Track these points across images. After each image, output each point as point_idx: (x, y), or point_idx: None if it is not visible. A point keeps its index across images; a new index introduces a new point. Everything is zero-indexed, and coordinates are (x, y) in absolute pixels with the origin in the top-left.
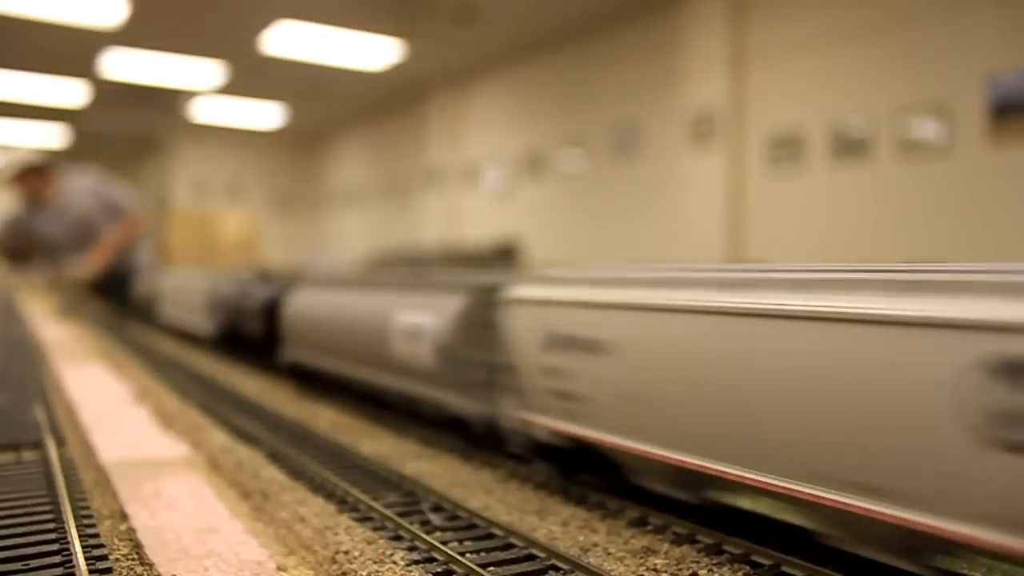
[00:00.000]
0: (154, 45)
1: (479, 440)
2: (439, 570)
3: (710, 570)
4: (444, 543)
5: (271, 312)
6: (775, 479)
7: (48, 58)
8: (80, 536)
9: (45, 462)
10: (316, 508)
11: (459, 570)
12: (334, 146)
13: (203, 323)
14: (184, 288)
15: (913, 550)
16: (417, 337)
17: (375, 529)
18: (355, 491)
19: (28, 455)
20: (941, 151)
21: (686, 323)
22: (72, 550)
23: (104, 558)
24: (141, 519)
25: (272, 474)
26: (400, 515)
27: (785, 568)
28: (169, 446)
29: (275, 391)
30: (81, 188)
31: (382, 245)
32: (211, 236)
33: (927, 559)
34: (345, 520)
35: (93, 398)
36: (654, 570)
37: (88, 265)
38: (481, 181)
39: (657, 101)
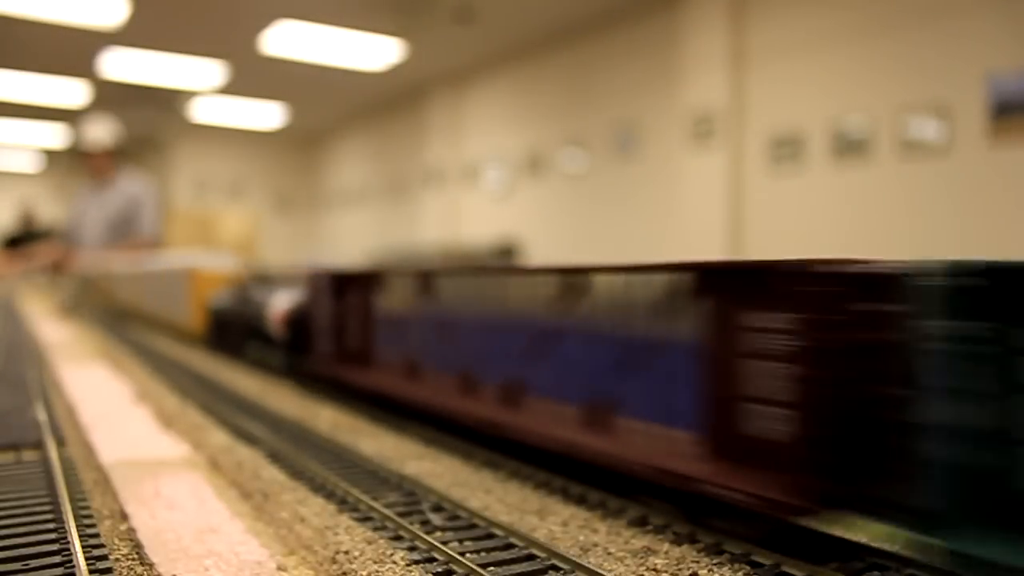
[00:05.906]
0: (154, 45)
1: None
2: (439, 570)
3: (710, 570)
4: (444, 543)
5: None
6: None
7: (48, 58)
8: (80, 536)
9: (45, 462)
10: (316, 508)
11: (459, 570)
12: (334, 146)
13: None
14: None
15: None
16: None
17: (375, 529)
18: (355, 491)
19: (28, 455)
20: (941, 151)
21: None
22: (72, 550)
23: (104, 558)
24: (141, 519)
25: (272, 474)
26: (400, 515)
27: (785, 568)
28: (169, 446)
29: (275, 391)
30: (122, 189)
31: (382, 245)
32: (211, 236)
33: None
34: (345, 520)
35: (93, 398)
36: (654, 570)
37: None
38: (481, 181)
39: (657, 101)
